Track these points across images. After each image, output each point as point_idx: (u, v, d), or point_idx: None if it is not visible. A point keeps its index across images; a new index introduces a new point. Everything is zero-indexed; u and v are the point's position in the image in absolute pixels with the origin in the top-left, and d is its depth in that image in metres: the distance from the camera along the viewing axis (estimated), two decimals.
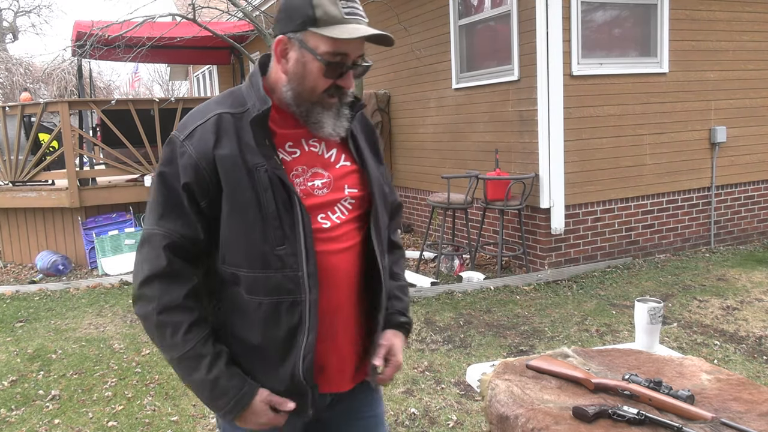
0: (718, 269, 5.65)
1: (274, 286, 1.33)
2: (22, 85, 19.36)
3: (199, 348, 1.32)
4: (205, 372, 1.32)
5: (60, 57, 12.28)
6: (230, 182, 1.31)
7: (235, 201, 1.32)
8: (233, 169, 1.30)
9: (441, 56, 6.79)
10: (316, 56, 1.30)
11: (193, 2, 7.27)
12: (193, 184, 1.31)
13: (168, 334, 1.32)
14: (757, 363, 3.75)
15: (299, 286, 1.33)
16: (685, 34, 5.99)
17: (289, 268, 1.32)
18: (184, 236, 1.33)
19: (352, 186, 1.45)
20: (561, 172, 5.56)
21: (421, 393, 3.48)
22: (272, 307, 1.34)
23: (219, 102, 1.39)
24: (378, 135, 1.60)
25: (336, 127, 1.39)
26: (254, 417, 1.36)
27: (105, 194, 7.09)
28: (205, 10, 8.07)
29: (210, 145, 1.31)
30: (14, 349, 4.51)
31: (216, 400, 1.33)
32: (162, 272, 1.32)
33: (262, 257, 1.32)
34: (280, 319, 1.34)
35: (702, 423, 1.33)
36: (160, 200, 1.34)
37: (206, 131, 1.32)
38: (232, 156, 1.31)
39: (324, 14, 1.28)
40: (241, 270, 1.34)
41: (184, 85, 26.04)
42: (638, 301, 1.92)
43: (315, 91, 1.34)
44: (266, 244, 1.32)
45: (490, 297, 5.17)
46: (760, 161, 6.61)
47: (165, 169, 1.34)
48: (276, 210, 1.31)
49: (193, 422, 3.30)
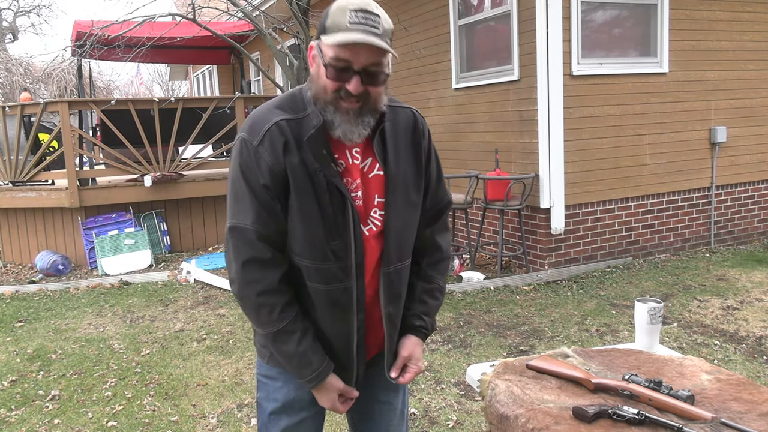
0: (718, 269, 5.65)
1: (332, 275, 1.52)
2: (21, 85, 19.36)
3: (291, 325, 1.52)
4: (295, 345, 1.52)
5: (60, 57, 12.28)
6: (297, 184, 1.47)
7: (300, 201, 1.48)
8: (299, 173, 1.46)
9: (441, 56, 6.79)
10: (323, 60, 1.43)
11: (193, 2, 7.27)
12: (272, 186, 1.47)
13: (265, 313, 1.51)
14: (757, 363, 3.75)
15: (349, 275, 1.52)
16: (685, 34, 5.99)
17: (341, 260, 1.51)
18: (272, 230, 1.49)
19: (381, 195, 1.57)
20: (561, 172, 5.56)
21: (421, 393, 3.48)
22: (329, 292, 1.53)
23: (281, 106, 1.52)
24: (424, 137, 1.64)
25: (348, 132, 1.47)
26: (326, 392, 1.59)
27: (105, 194, 7.09)
28: (205, 10, 8.07)
29: (280, 152, 1.46)
30: (14, 349, 4.51)
31: (302, 369, 1.54)
32: (259, 259, 1.49)
33: (321, 250, 1.50)
34: (336, 302, 1.54)
35: (702, 423, 1.33)
36: (249, 198, 1.48)
37: (275, 138, 1.46)
38: (298, 161, 1.46)
39: (332, 23, 1.40)
40: (303, 260, 1.52)
41: (184, 85, 26.04)
42: (638, 301, 1.92)
43: (326, 91, 1.44)
44: (324, 240, 1.49)
45: (490, 297, 5.17)
46: (760, 161, 6.61)
47: (247, 171, 1.48)
48: (333, 211, 1.48)
49: (193, 422, 3.30)
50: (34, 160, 7.15)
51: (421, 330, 1.68)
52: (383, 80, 1.46)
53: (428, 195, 1.67)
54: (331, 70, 1.41)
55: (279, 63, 7.11)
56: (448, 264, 1.76)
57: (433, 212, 1.70)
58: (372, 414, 1.77)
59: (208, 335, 4.59)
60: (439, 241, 1.72)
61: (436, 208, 1.70)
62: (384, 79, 1.46)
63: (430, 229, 1.70)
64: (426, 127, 1.65)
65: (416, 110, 1.66)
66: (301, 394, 1.65)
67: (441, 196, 1.71)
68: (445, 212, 1.74)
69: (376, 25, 1.40)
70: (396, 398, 1.78)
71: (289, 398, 1.66)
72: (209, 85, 17.15)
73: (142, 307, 5.40)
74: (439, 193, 1.70)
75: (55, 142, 7.49)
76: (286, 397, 1.66)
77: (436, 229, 1.72)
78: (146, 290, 5.95)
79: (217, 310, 5.20)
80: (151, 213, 7.42)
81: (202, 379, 3.83)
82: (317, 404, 1.66)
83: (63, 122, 6.88)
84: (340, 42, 1.37)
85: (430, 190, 1.68)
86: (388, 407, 1.77)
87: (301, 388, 1.64)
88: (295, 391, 1.65)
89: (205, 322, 4.92)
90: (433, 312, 1.70)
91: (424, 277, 1.70)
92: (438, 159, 1.71)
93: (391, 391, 1.76)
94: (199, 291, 5.83)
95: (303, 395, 1.65)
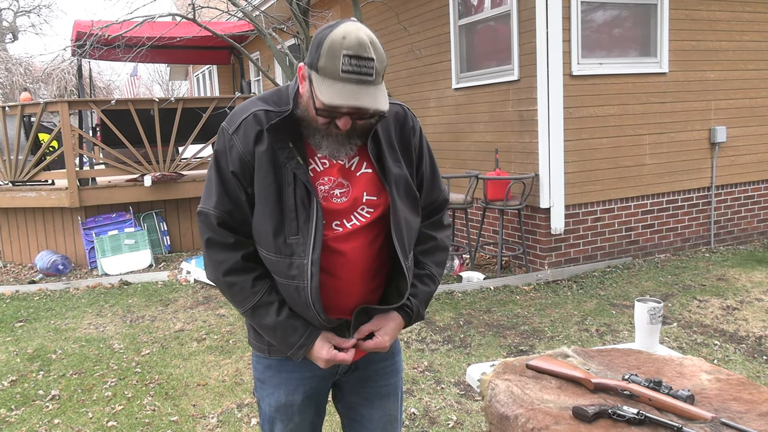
0: (718, 269, 5.66)
1: (284, 270, 1.49)
2: (21, 85, 19.36)
3: (266, 297, 1.51)
4: (275, 315, 1.51)
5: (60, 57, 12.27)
6: (260, 174, 1.47)
7: (261, 190, 1.47)
8: (266, 163, 1.46)
9: (441, 56, 6.79)
10: (314, 101, 1.40)
11: (193, 2, 7.26)
12: (240, 174, 1.48)
13: (237, 291, 1.52)
14: (757, 363, 3.75)
15: (303, 273, 1.46)
16: (685, 34, 5.99)
17: (297, 256, 1.47)
18: (233, 216, 1.51)
19: (371, 193, 1.54)
20: (561, 172, 5.56)
21: (421, 393, 3.48)
22: (286, 287, 1.51)
23: (264, 99, 1.53)
24: (415, 134, 1.62)
25: (335, 152, 1.47)
26: (321, 351, 1.52)
27: (105, 194, 7.09)
28: (205, 10, 8.06)
29: (251, 141, 1.47)
30: (14, 349, 4.51)
31: (288, 337, 1.51)
32: (221, 243, 1.51)
33: (275, 244, 1.48)
34: (293, 298, 1.51)
35: (702, 423, 1.33)
36: (216, 184, 1.51)
37: (249, 127, 1.48)
38: (267, 151, 1.46)
39: (324, 65, 1.35)
40: (262, 251, 1.52)
41: (184, 85, 26.05)
42: (638, 301, 1.92)
43: (315, 122, 1.44)
44: (281, 233, 1.47)
45: (489, 297, 5.17)
46: (760, 161, 6.61)
47: (220, 157, 1.51)
48: (294, 204, 1.45)
49: (193, 422, 3.30)
50: (34, 160, 7.15)
51: (404, 308, 1.59)
52: (373, 115, 1.43)
53: (423, 192, 1.65)
54: (321, 113, 1.40)
55: (279, 63, 7.11)
56: (445, 256, 1.71)
57: (429, 210, 1.68)
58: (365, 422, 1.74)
59: (208, 335, 4.59)
60: (434, 234, 1.69)
61: (432, 206, 1.69)
62: (374, 114, 1.43)
63: (426, 223, 1.68)
64: (417, 123, 1.63)
65: (407, 107, 1.64)
66: (292, 400, 1.64)
67: (437, 194, 1.70)
68: (442, 209, 1.72)
69: (370, 72, 1.35)
70: (393, 377, 1.74)
71: (280, 403, 1.65)
72: (209, 85, 17.14)
73: (142, 307, 5.40)
74: (435, 191, 1.69)
75: (55, 142, 7.49)
76: (278, 402, 1.65)
77: (432, 224, 1.70)
78: (146, 290, 5.95)
79: (217, 310, 5.20)
80: (151, 213, 7.42)
81: (202, 379, 3.83)
82: (309, 409, 1.66)
83: (63, 122, 6.88)
84: (331, 102, 1.35)
85: (425, 186, 1.66)
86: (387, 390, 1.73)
87: (292, 394, 1.63)
88: (286, 397, 1.64)
89: (205, 322, 4.92)
90: (422, 297, 1.62)
91: (415, 263, 1.64)
92: (432, 156, 1.69)
93: (388, 373, 1.72)
94: (199, 291, 5.83)
95: (294, 400, 1.64)
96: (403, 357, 2.91)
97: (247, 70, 13.11)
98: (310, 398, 1.66)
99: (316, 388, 1.66)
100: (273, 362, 1.64)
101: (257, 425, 3.23)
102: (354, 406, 1.72)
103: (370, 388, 1.71)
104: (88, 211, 7.10)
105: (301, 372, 1.63)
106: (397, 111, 1.60)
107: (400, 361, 1.77)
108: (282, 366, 1.64)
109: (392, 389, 1.74)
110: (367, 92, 1.36)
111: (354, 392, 1.71)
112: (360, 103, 1.36)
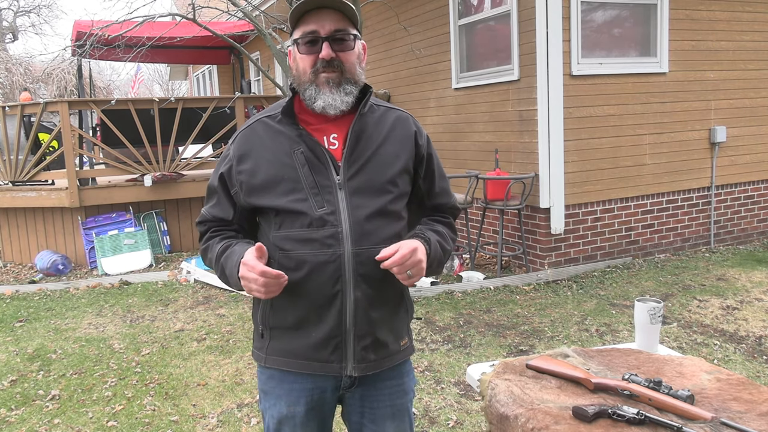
0: (718, 269, 5.66)
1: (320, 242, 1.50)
2: (21, 85, 19.36)
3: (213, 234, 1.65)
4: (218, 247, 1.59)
5: (60, 57, 12.25)
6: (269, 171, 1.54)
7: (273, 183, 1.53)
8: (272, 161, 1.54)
9: (441, 56, 6.79)
10: (296, 42, 1.52)
11: (193, 2, 7.26)
12: (226, 175, 1.60)
13: (200, 238, 1.69)
14: (757, 363, 3.75)
15: (339, 241, 1.50)
16: (685, 34, 5.99)
17: (330, 225, 1.50)
18: (215, 216, 1.64)
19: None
20: (561, 172, 5.56)
21: (421, 393, 3.48)
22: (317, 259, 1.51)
23: (265, 111, 1.64)
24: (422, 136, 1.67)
25: (330, 101, 1.51)
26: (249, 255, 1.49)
27: (105, 194, 7.09)
28: (205, 9, 8.06)
29: (244, 148, 1.57)
30: (14, 349, 4.51)
31: (234, 267, 1.50)
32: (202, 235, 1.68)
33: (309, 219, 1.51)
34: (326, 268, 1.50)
35: (702, 423, 1.33)
36: (210, 187, 1.66)
37: (245, 137, 1.59)
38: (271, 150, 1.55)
39: (295, 3, 1.51)
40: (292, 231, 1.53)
41: (184, 84, 26.04)
42: (638, 300, 1.92)
43: (305, 72, 1.52)
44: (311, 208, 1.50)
45: (489, 297, 5.17)
46: (760, 161, 6.61)
47: (217, 165, 1.64)
48: (314, 180, 1.52)
49: (193, 422, 3.30)
50: (34, 160, 7.15)
51: (419, 235, 1.58)
52: (353, 45, 1.52)
53: (431, 197, 1.72)
54: (302, 46, 1.50)
55: (279, 63, 7.11)
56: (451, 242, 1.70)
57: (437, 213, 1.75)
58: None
59: (208, 335, 4.60)
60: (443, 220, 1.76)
61: (438, 212, 1.75)
62: (353, 45, 1.52)
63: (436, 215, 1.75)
64: (423, 130, 1.69)
65: (412, 116, 1.70)
66: (294, 412, 1.63)
67: (445, 200, 1.75)
68: (450, 212, 1.77)
69: None
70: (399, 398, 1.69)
71: (283, 415, 1.64)
72: (209, 85, 17.14)
73: (142, 307, 5.40)
74: (443, 196, 1.75)
75: (55, 141, 7.49)
76: (280, 414, 1.64)
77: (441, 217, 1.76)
78: (146, 290, 5.95)
79: (217, 310, 5.20)
80: (151, 213, 7.42)
81: (202, 379, 3.83)
82: (313, 423, 1.65)
83: (63, 122, 6.88)
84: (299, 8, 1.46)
85: (433, 192, 1.72)
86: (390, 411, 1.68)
87: (294, 405, 1.62)
88: (287, 408, 1.63)
89: (205, 321, 4.92)
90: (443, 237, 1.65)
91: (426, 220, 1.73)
92: (439, 163, 1.74)
93: (394, 394, 1.68)
94: (199, 291, 5.83)
95: (296, 412, 1.63)
96: None
97: (247, 70, 13.11)
98: (313, 411, 1.64)
99: (318, 401, 1.64)
100: (275, 373, 1.64)
101: (257, 425, 3.23)
102: (360, 426, 1.69)
103: (376, 407, 1.66)
104: (88, 211, 7.10)
105: (302, 383, 1.61)
106: (402, 114, 1.67)
107: (409, 382, 1.72)
108: (284, 377, 1.63)
109: (397, 411, 1.68)
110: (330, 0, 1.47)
111: (358, 411, 1.68)
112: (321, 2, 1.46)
